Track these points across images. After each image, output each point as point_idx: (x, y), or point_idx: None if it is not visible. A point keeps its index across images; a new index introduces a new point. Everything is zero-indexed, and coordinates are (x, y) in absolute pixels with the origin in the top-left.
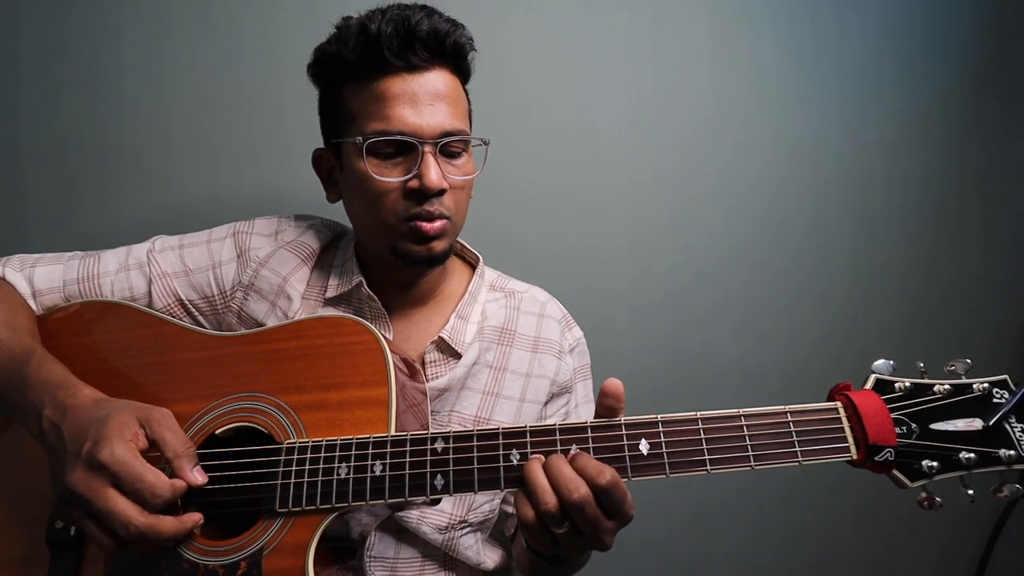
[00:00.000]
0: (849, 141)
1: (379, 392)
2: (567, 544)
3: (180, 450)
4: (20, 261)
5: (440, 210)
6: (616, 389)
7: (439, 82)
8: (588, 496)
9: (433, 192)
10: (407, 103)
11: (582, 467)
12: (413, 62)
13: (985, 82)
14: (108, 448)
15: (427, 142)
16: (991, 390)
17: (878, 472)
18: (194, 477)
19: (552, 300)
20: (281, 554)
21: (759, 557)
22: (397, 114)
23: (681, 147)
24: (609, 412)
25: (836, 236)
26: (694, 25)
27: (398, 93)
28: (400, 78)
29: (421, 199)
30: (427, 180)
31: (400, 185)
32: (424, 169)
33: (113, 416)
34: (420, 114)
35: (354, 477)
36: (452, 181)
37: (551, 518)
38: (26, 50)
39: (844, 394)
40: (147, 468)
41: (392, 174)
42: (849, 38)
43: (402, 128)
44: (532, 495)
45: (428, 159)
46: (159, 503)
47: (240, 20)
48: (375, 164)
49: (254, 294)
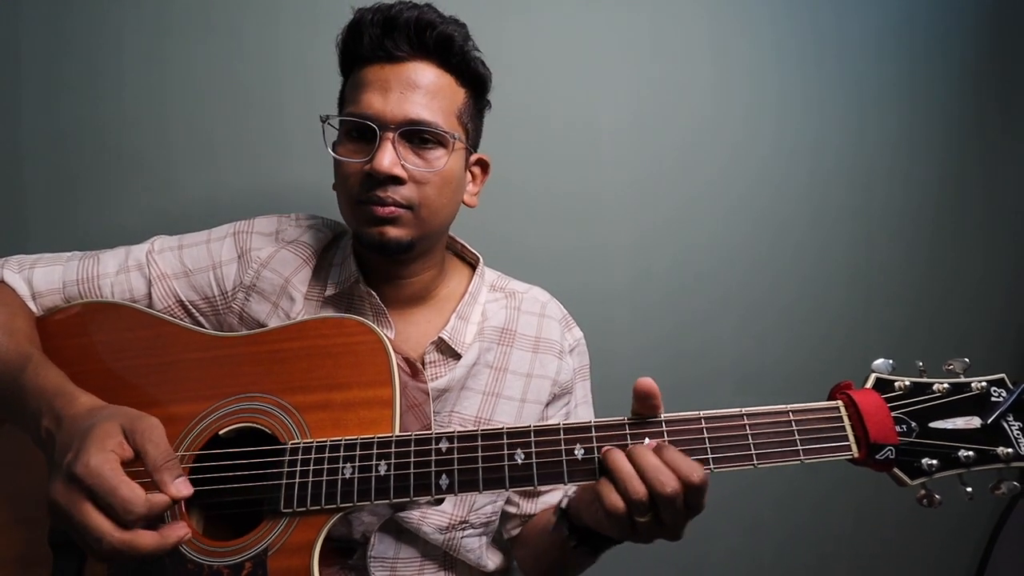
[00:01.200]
0: (849, 141)
1: (383, 392)
2: (644, 532)
3: (160, 462)
4: (19, 262)
5: (393, 197)
6: (651, 388)
7: (417, 73)
8: (679, 490)
9: (381, 177)
10: (377, 89)
11: (673, 462)
12: (393, 53)
13: (985, 82)
14: (85, 459)
15: (388, 127)
16: (989, 389)
17: (879, 470)
18: (175, 490)
19: (552, 300)
20: (286, 554)
21: (758, 557)
22: (365, 99)
23: (681, 147)
24: (650, 410)
25: (836, 236)
26: (694, 25)
27: (372, 80)
28: (379, 67)
29: (373, 184)
30: (375, 163)
31: (360, 168)
32: (377, 153)
33: (98, 426)
34: (387, 100)
35: (359, 477)
36: (413, 172)
37: (639, 507)
38: (26, 50)
39: (845, 393)
40: (121, 482)
41: (354, 156)
42: (849, 38)
43: (365, 112)
44: (620, 483)
45: (384, 144)
46: (132, 519)
47: (240, 20)
48: (344, 147)
49: (256, 295)
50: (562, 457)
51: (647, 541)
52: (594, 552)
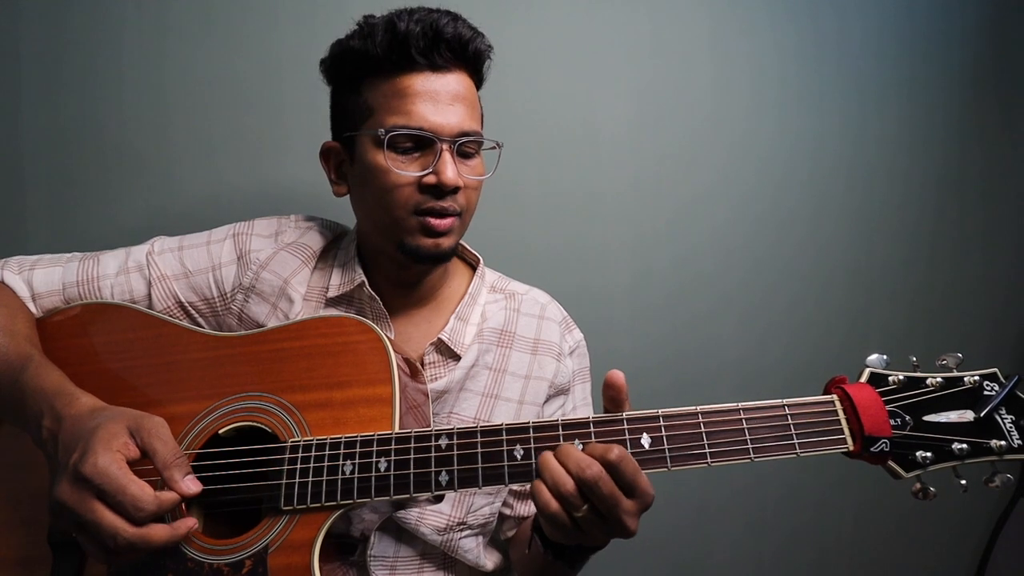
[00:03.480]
0: (849, 141)
1: (383, 390)
2: (589, 529)
3: (169, 460)
4: (19, 263)
5: (453, 207)
6: (617, 380)
7: (458, 84)
8: (600, 471)
9: (449, 189)
10: (428, 100)
11: (591, 448)
12: (437, 62)
13: (985, 82)
14: (92, 460)
15: (445, 140)
16: (982, 383)
17: (874, 463)
18: (185, 487)
19: (552, 302)
20: (286, 551)
21: (759, 557)
22: (418, 110)
23: (681, 147)
24: (613, 404)
25: (836, 236)
26: (694, 25)
27: (420, 90)
28: (423, 76)
29: (438, 195)
30: (444, 176)
31: (416, 180)
32: (442, 166)
33: (103, 426)
34: (440, 112)
35: (359, 475)
36: (466, 180)
37: (570, 500)
38: (26, 50)
39: (840, 387)
40: (131, 480)
41: (410, 168)
42: (849, 38)
43: (423, 124)
44: (549, 480)
45: (446, 156)
46: (143, 516)
47: (240, 20)
48: (392, 157)
49: (255, 296)
50: None
51: (601, 542)
52: (570, 565)
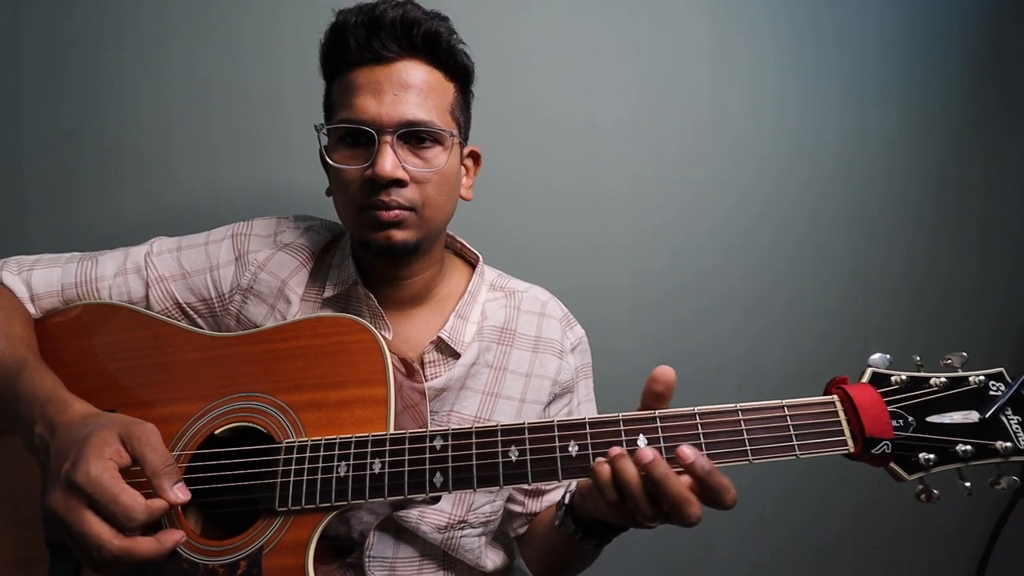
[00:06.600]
0: (849, 141)
1: (378, 391)
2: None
3: (159, 468)
4: (18, 263)
5: (397, 200)
6: (667, 376)
7: (408, 72)
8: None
9: (385, 181)
10: (370, 92)
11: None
12: (381, 53)
13: (985, 82)
14: (85, 468)
15: (386, 131)
16: (987, 383)
17: (875, 465)
18: (174, 495)
19: (553, 299)
20: (281, 553)
21: (759, 557)
22: (359, 103)
23: (681, 146)
24: (657, 400)
25: (835, 235)
26: (694, 25)
27: (363, 83)
28: (368, 69)
29: (376, 188)
30: (378, 168)
31: (360, 174)
32: (378, 158)
33: (95, 434)
34: (381, 103)
35: (353, 475)
36: (414, 173)
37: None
38: (26, 50)
39: (840, 387)
40: (122, 489)
41: (353, 163)
42: (849, 38)
43: (361, 117)
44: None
45: (384, 148)
46: (134, 525)
47: (240, 20)
48: (341, 154)
49: (253, 297)
50: (556, 454)
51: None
52: (600, 543)
